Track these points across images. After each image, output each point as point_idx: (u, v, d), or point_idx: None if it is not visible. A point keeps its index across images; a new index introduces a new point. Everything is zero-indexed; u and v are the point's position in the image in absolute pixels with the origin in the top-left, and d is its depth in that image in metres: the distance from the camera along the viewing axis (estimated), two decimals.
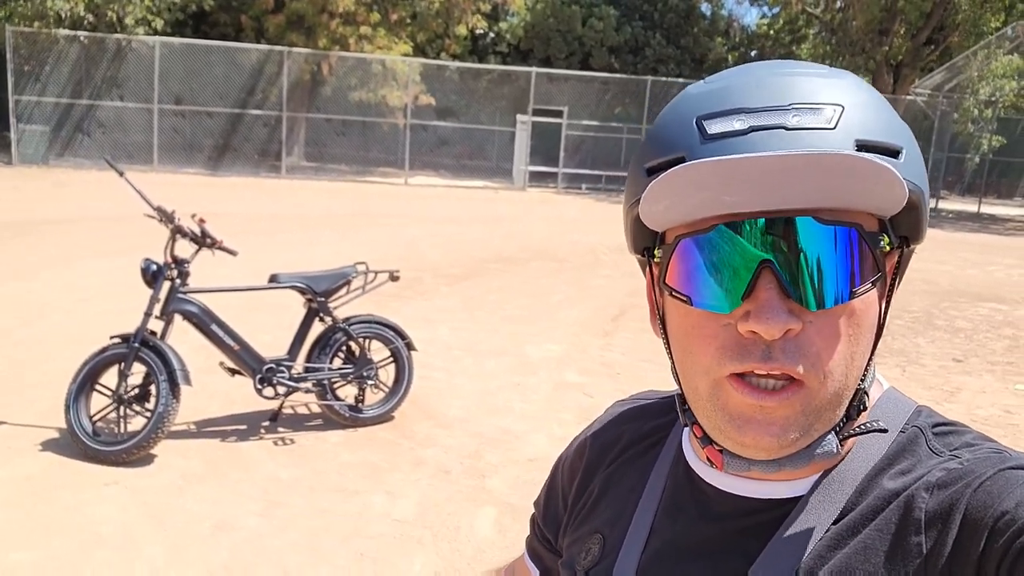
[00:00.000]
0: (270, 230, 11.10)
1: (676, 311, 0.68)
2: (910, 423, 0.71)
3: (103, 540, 3.22)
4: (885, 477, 0.67)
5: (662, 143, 0.67)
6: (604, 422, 0.91)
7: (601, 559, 0.79)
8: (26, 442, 4.05)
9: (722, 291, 0.63)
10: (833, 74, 0.66)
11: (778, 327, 0.61)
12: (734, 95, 0.64)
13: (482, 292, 8.27)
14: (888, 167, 0.56)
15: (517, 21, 28.13)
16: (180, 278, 4.13)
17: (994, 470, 0.62)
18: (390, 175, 22.36)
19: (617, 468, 0.85)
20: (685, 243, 0.65)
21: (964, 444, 0.68)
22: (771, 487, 0.70)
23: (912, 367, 6.31)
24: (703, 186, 0.59)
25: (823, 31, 27.87)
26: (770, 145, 0.60)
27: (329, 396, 4.45)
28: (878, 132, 0.63)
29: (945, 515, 0.62)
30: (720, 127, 0.63)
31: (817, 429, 0.65)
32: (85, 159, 19.64)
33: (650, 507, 0.78)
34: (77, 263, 8.39)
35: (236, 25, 22.72)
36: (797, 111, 0.62)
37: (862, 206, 0.62)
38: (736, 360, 0.63)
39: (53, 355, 5.31)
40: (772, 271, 0.61)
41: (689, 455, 0.78)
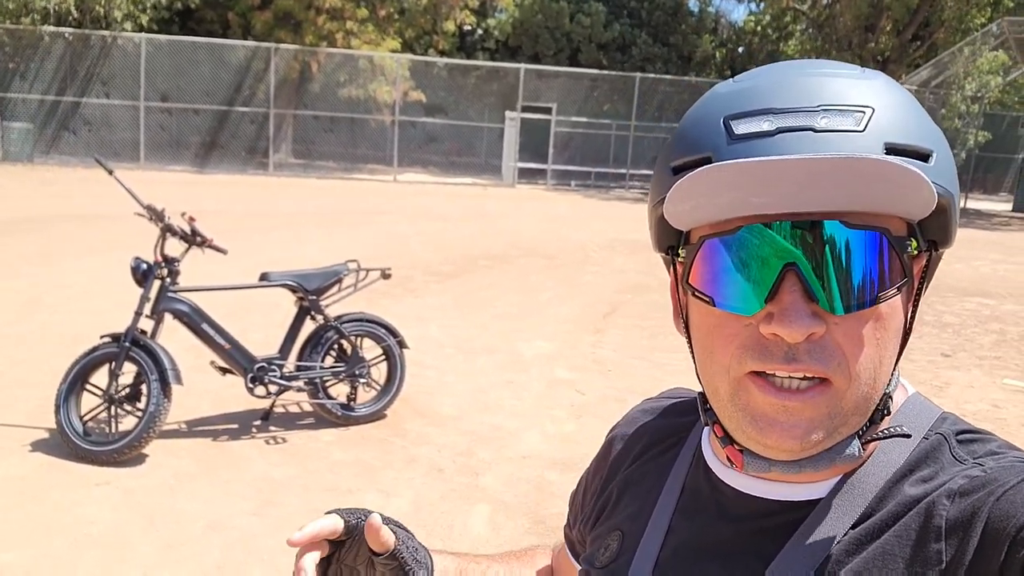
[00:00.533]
0: (259, 228, 11.05)
1: (699, 311, 0.68)
2: (934, 430, 0.70)
3: (94, 540, 3.21)
4: (906, 483, 0.67)
5: (689, 142, 0.66)
6: (629, 420, 0.92)
7: (619, 556, 0.79)
8: (15, 442, 4.02)
9: (745, 292, 0.63)
10: (864, 75, 0.65)
11: (801, 331, 0.60)
12: (762, 95, 0.64)
13: (473, 289, 8.26)
14: (917, 172, 0.56)
15: (505, 17, 28.10)
16: (170, 277, 4.11)
17: (1018, 479, 0.61)
18: (378, 172, 22.31)
19: (639, 467, 0.85)
20: (710, 243, 0.64)
21: (988, 452, 0.67)
22: (790, 489, 0.70)
23: (901, 362, 6.33)
24: (729, 187, 0.59)
25: (810, 27, 27.97)
26: (798, 147, 0.60)
27: (321, 395, 4.43)
28: (908, 135, 0.62)
29: (966, 523, 0.61)
30: (747, 127, 0.62)
31: (841, 432, 0.64)
32: (71, 156, 19.51)
33: (669, 506, 0.78)
34: (63, 261, 8.33)
35: (223, 22, 22.61)
36: (826, 113, 0.61)
37: (890, 210, 0.62)
38: (757, 359, 0.63)
39: (40, 354, 5.27)
40: (797, 274, 0.61)
41: (708, 455, 0.78)
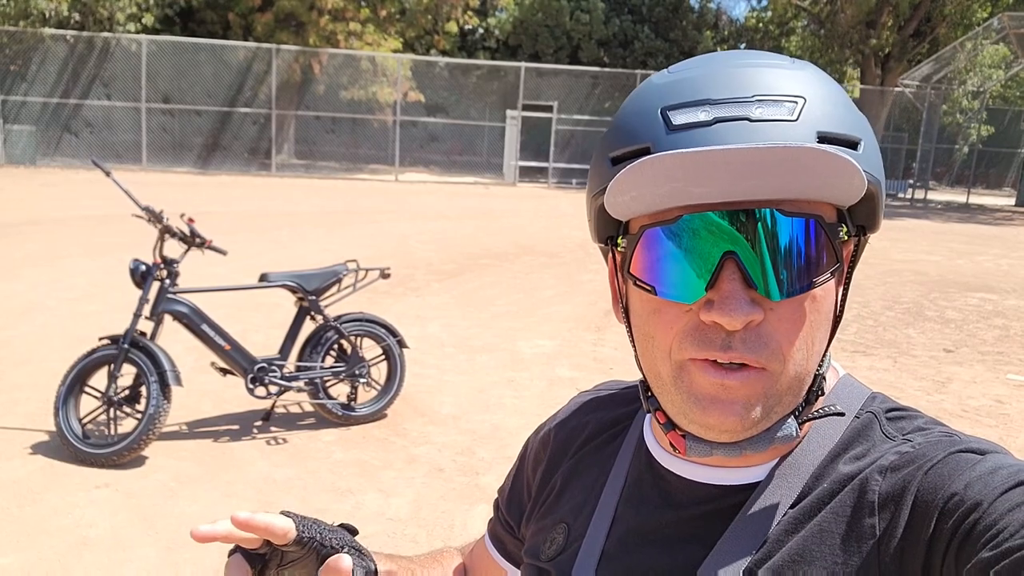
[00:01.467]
0: (260, 228, 11.05)
1: (639, 298, 0.69)
2: (865, 408, 0.72)
3: (93, 543, 3.20)
4: (840, 461, 0.69)
5: (627, 133, 0.67)
6: (568, 412, 0.93)
7: (565, 548, 0.80)
8: (14, 445, 4.01)
9: (686, 281, 0.64)
10: (795, 66, 0.66)
11: (740, 318, 0.62)
12: (698, 86, 0.64)
13: (473, 288, 8.25)
14: (850, 160, 0.57)
15: (505, 17, 28.08)
16: (170, 278, 4.10)
17: (944, 453, 0.64)
18: (380, 172, 22.31)
19: (581, 459, 0.86)
20: (650, 233, 0.65)
21: (916, 428, 0.69)
22: (730, 474, 0.71)
23: (903, 358, 6.33)
24: (669, 178, 0.60)
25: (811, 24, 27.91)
26: (735, 137, 0.61)
27: (321, 395, 4.43)
28: (838, 124, 0.64)
29: (897, 497, 0.64)
30: (685, 118, 0.63)
31: (777, 412, 0.66)
32: (73, 159, 19.54)
33: (613, 496, 0.79)
34: (63, 263, 8.34)
35: (224, 23, 22.62)
36: (760, 103, 0.62)
37: (823, 197, 0.63)
38: (696, 347, 0.64)
39: (39, 356, 5.27)
40: (735, 262, 0.62)
41: (651, 443, 0.79)
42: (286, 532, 0.76)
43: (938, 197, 24.66)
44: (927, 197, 23.70)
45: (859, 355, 6.33)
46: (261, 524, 0.74)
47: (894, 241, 13.23)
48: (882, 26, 24.67)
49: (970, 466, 0.62)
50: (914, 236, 14.25)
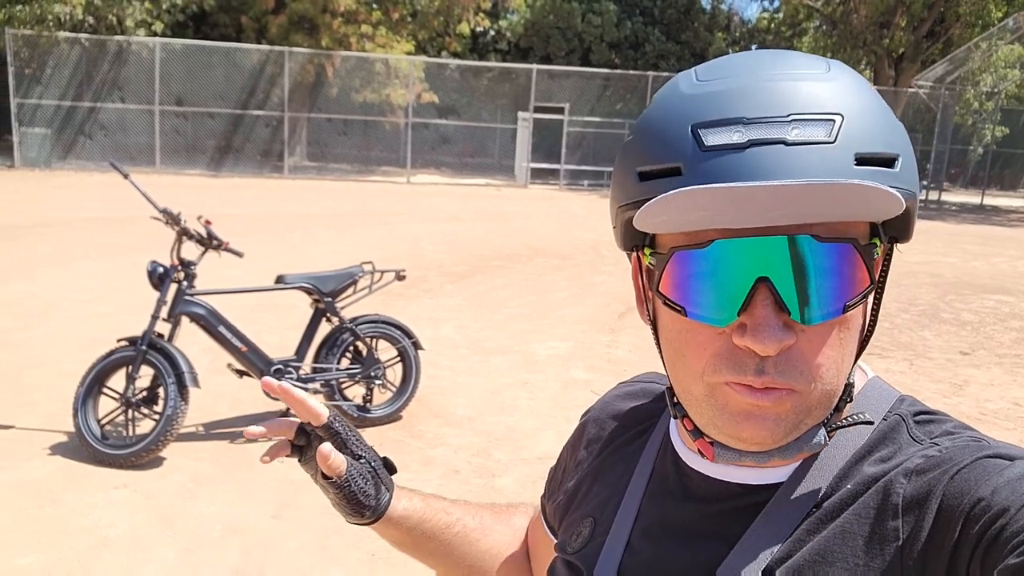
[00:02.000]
0: (273, 230, 11.10)
1: (669, 315, 0.69)
2: (892, 411, 0.72)
3: (112, 543, 3.22)
4: (866, 463, 0.69)
5: (656, 147, 0.65)
6: (603, 405, 0.95)
7: (591, 541, 0.81)
8: (33, 446, 4.04)
9: (718, 304, 0.63)
10: (831, 76, 0.64)
11: (774, 345, 0.62)
12: (731, 101, 0.62)
13: (486, 290, 8.26)
14: (887, 190, 0.56)
15: (517, 19, 28.10)
16: (187, 280, 4.13)
17: (972, 458, 0.63)
18: (392, 174, 22.36)
19: (611, 453, 0.87)
20: (680, 255, 0.65)
21: (944, 432, 0.69)
22: (754, 473, 0.72)
23: (919, 360, 6.29)
24: (702, 208, 0.59)
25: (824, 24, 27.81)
26: (770, 163, 0.59)
27: (337, 396, 4.44)
28: (876, 142, 0.62)
29: (922, 501, 0.63)
30: (718, 139, 0.61)
31: (807, 424, 0.66)
32: (87, 161, 19.67)
33: (638, 491, 0.80)
34: (77, 264, 8.39)
35: (236, 26, 22.72)
36: (797, 123, 0.61)
37: (858, 219, 0.63)
38: (731, 372, 0.64)
39: (56, 357, 5.31)
40: (768, 287, 0.62)
41: (676, 442, 0.79)
42: (319, 415, 0.88)
43: (952, 198, 24.51)
44: (941, 198, 23.56)
45: (875, 357, 6.30)
46: (298, 396, 0.87)
47: (909, 243, 13.14)
48: (896, 26, 24.55)
49: (998, 471, 0.61)
50: (929, 238, 14.16)
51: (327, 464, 0.85)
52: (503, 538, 1.03)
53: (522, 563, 1.05)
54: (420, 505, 0.96)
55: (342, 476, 0.86)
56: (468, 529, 1.00)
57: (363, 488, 0.88)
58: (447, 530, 0.98)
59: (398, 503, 0.94)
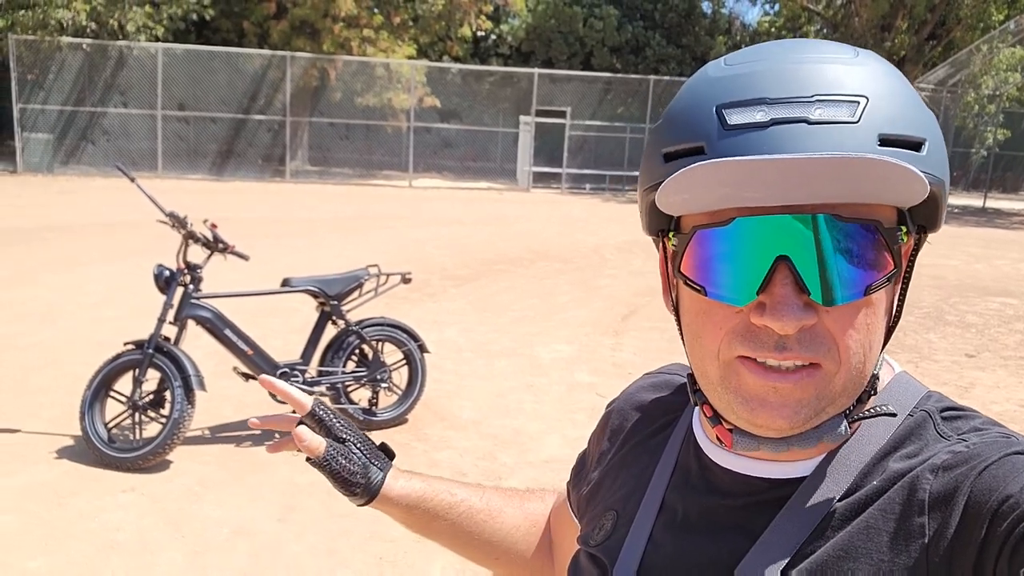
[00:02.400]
0: (276, 234, 11.11)
1: (689, 296, 0.69)
2: (919, 407, 0.71)
3: (120, 546, 3.22)
4: (891, 459, 0.68)
5: (681, 129, 0.65)
6: (628, 396, 0.94)
7: (613, 533, 0.81)
8: (41, 449, 4.05)
9: (738, 283, 0.63)
10: (858, 60, 0.64)
11: (792, 324, 0.61)
12: (755, 82, 0.62)
13: (490, 293, 8.26)
14: (910, 168, 0.55)
15: (518, 23, 28.14)
16: (193, 283, 4.13)
17: (1000, 454, 0.62)
18: (394, 178, 22.38)
19: (634, 446, 0.87)
20: (702, 234, 0.65)
21: (972, 429, 0.68)
22: (777, 467, 0.71)
23: (925, 363, 6.28)
24: (722, 183, 0.59)
25: (824, 27, 27.83)
26: (792, 140, 0.59)
27: (343, 399, 4.44)
28: (902, 124, 0.61)
29: (949, 497, 0.62)
30: (740, 118, 0.61)
31: (828, 412, 0.65)
32: (90, 166, 19.70)
33: (661, 484, 0.80)
34: (81, 269, 8.40)
35: (238, 31, 22.76)
36: (820, 103, 0.60)
37: (882, 201, 0.62)
38: (747, 346, 0.63)
39: (62, 361, 5.31)
40: (789, 266, 0.61)
41: (699, 434, 0.79)
42: (303, 404, 0.93)
43: (954, 201, 24.51)
44: None
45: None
46: (282, 389, 0.95)
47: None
48: (897, 29, 24.57)
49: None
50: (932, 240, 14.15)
51: (303, 445, 0.91)
52: (514, 521, 1.03)
53: (546, 551, 1.05)
54: (420, 485, 0.98)
55: (321, 456, 0.92)
56: (474, 510, 1.00)
57: (345, 466, 0.93)
58: (451, 510, 0.99)
59: (395, 482, 0.96)
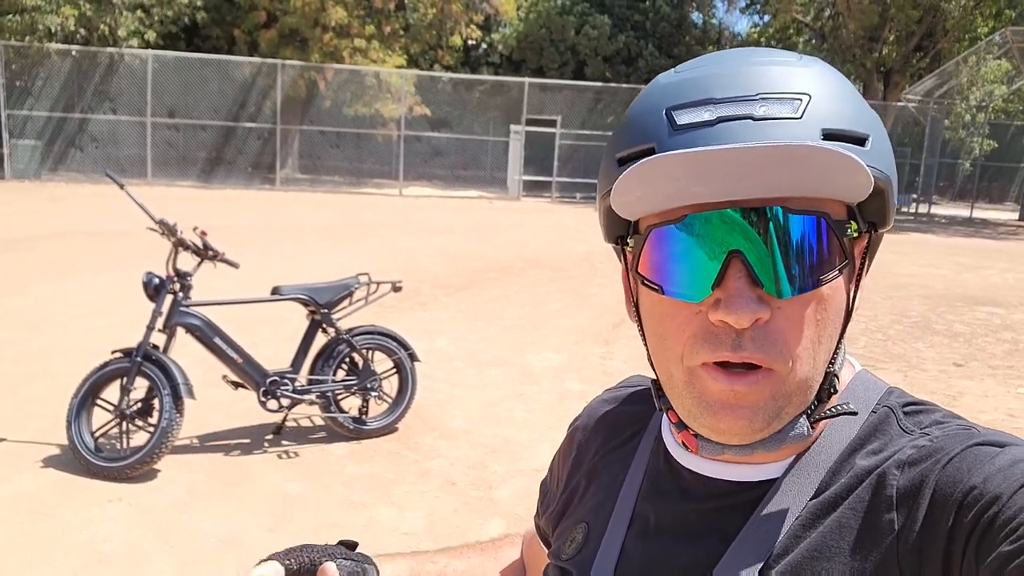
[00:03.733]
0: (266, 242, 11.07)
1: (649, 298, 0.70)
2: (881, 403, 0.72)
3: (107, 558, 3.19)
4: (858, 456, 0.69)
5: (633, 133, 0.67)
6: (591, 411, 0.94)
7: (584, 546, 0.80)
8: (26, 459, 4.00)
9: (692, 280, 0.64)
10: (801, 62, 0.66)
11: (747, 316, 0.62)
12: (702, 85, 0.64)
13: (481, 302, 8.25)
14: (851, 156, 0.57)
15: (510, 31, 28.22)
16: (183, 291, 4.11)
17: (962, 446, 0.64)
18: (384, 186, 22.37)
19: (602, 457, 0.87)
20: (656, 232, 0.66)
21: (934, 422, 0.69)
22: (746, 470, 0.71)
23: (913, 372, 6.31)
24: (673, 177, 0.60)
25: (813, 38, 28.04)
26: (738, 136, 0.61)
27: (333, 408, 4.42)
28: (845, 120, 0.63)
29: (916, 491, 0.63)
30: (688, 118, 0.63)
31: (788, 413, 0.66)
32: (79, 173, 19.60)
33: (632, 492, 0.80)
34: (72, 277, 8.34)
35: (229, 39, 22.74)
36: (764, 101, 0.62)
37: (829, 194, 0.63)
38: (708, 349, 0.64)
39: (50, 370, 5.27)
40: (741, 260, 0.63)
41: (668, 439, 0.79)
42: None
43: (942, 211, 24.68)
44: (931, 211, 23.73)
45: (868, 369, 6.31)
46: None
47: (900, 255, 13.22)
48: (884, 40, 24.77)
49: (989, 459, 0.62)
50: (919, 250, 14.25)
51: None
52: (493, 573, 1.03)
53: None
54: (405, 564, 0.94)
55: None
56: (459, 572, 0.98)
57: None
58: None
59: (384, 569, 0.90)
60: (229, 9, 22.22)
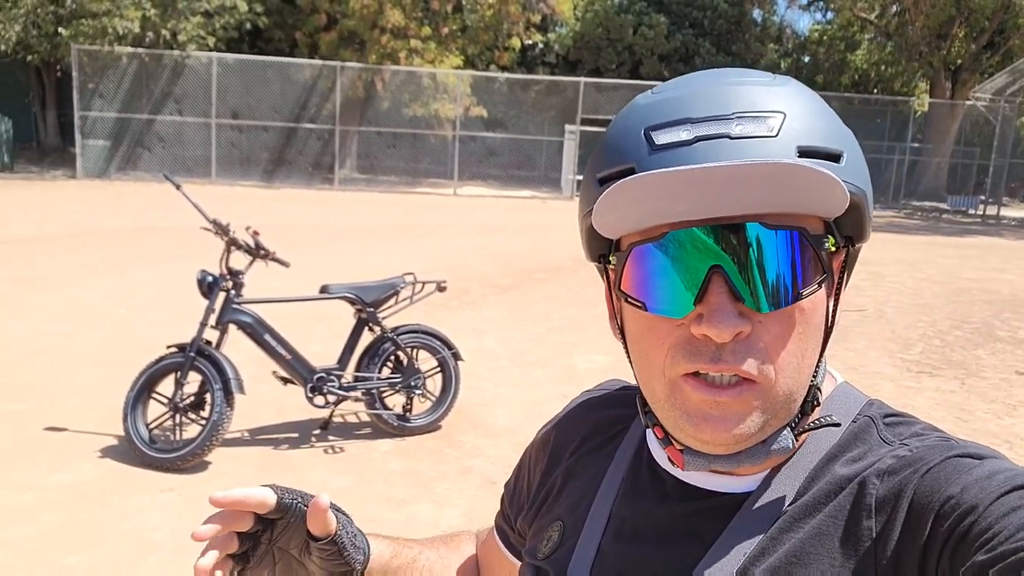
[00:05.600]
0: (322, 241, 11.28)
1: (632, 316, 0.71)
2: (862, 413, 0.74)
3: (157, 545, 3.30)
4: (837, 464, 0.70)
5: (612, 154, 0.69)
6: (568, 412, 0.94)
7: (560, 545, 0.81)
8: (85, 448, 4.17)
9: (675, 296, 0.65)
10: (776, 82, 0.68)
11: (729, 331, 0.63)
12: (680, 105, 0.66)
13: (529, 302, 8.27)
14: (827, 173, 0.58)
15: (566, 31, 28.17)
16: (235, 289, 4.23)
17: (941, 457, 0.65)
18: (439, 186, 22.56)
19: (579, 458, 0.87)
20: (638, 250, 0.67)
21: (913, 434, 0.70)
22: (730, 480, 0.72)
23: (971, 380, 6.12)
24: (652, 196, 0.62)
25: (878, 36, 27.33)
26: (715, 154, 0.62)
27: (377, 405, 4.49)
28: (819, 138, 0.65)
29: (894, 500, 0.65)
30: (667, 137, 0.65)
31: (772, 425, 0.67)
32: (145, 172, 20.24)
33: (610, 494, 0.80)
34: (130, 272, 8.64)
35: (290, 41, 23.21)
36: (740, 120, 0.64)
37: (806, 210, 0.64)
38: (687, 360, 0.65)
39: (107, 362, 5.47)
40: (722, 275, 0.64)
41: (653, 446, 0.80)
42: (264, 499, 0.76)
43: (1012, 213, 23.81)
44: (1000, 213, 22.91)
45: (925, 376, 6.15)
46: (238, 497, 0.75)
47: (963, 259, 12.82)
48: (953, 38, 24.02)
49: (967, 470, 0.63)
50: (985, 254, 13.78)
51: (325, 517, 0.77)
52: (457, 566, 1.04)
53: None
54: (386, 541, 0.93)
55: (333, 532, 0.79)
56: (431, 562, 0.99)
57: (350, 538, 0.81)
58: (413, 564, 0.96)
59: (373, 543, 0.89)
60: (291, 12, 22.68)
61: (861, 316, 8.08)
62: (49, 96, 23.04)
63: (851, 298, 8.91)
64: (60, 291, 7.62)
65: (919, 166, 25.26)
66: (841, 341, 7.02)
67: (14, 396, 4.86)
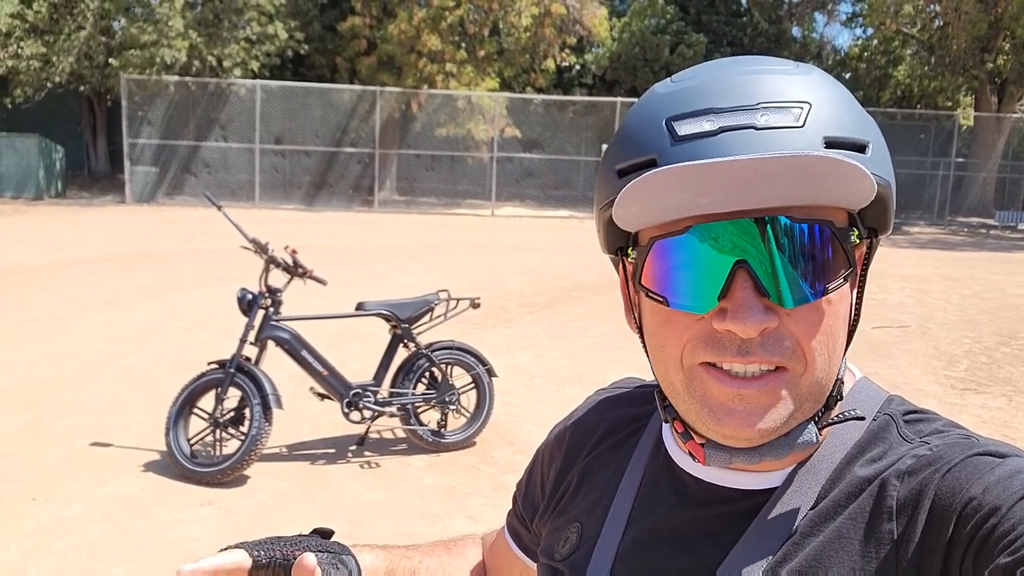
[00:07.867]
0: (361, 260, 11.43)
1: (651, 309, 0.69)
2: (882, 411, 0.72)
3: (197, 556, 3.34)
4: (857, 464, 0.68)
5: (632, 144, 0.67)
6: (584, 411, 0.92)
7: (579, 547, 0.80)
8: (129, 463, 4.28)
9: (698, 291, 0.64)
10: (799, 70, 0.66)
11: (755, 327, 0.62)
12: (702, 95, 0.64)
13: (564, 320, 8.28)
14: (858, 165, 0.57)
15: (603, 52, 28.28)
16: (273, 306, 4.32)
17: (962, 456, 0.64)
18: (477, 207, 22.71)
19: (596, 457, 0.85)
20: (659, 245, 0.65)
21: (934, 431, 0.69)
22: (749, 478, 0.71)
23: (1019, 397, 5.98)
24: (676, 189, 0.60)
25: (920, 50, 26.97)
26: (740, 146, 0.61)
27: (412, 421, 4.54)
28: (845, 128, 0.63)
29: (915, 501, 0.63)
30: (690, 128, 0.63)
31: (797, 418, 0.65)
32: (192, 197, 20.73)
33: (628, 495, 0.79)
34: (177, 293, 8.85)
35: (331, 67, 23.67)
36: (765, 110, 0.62)
37: (832, 202, 0.63)
38: (711, 352, 0.64)
39: (153, 380, 5.61)
40: (747, 271, 0.62)
41: (670, 445, 0.78)
42: (239, 563, 0.75)
43: None
44: None
45: (970, 393, 6.02)
46: (210, 568, 0.73)
47: (1012, 274, 12.52)
48: (998, 50, 23.60)
49: (988, 470, 0.61)
50: None
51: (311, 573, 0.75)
52: (461, 572, 1.03)
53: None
54: (383, 555, 0.92)
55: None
56: (432, 570, 0.98)
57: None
58: (413, 574, 0.95)
59: (363, 560, 0.88)
60: (331, 38, 23.16)
61: (904, 333, 7.94)
62: (99, 124, 23.80)
63: (894, 314, 8.76)
64: (111, 311, 7.84)
65: (965, 181, 24.77)
66: (884, 358, 6.90)
67: (64, 413, 5.01)
